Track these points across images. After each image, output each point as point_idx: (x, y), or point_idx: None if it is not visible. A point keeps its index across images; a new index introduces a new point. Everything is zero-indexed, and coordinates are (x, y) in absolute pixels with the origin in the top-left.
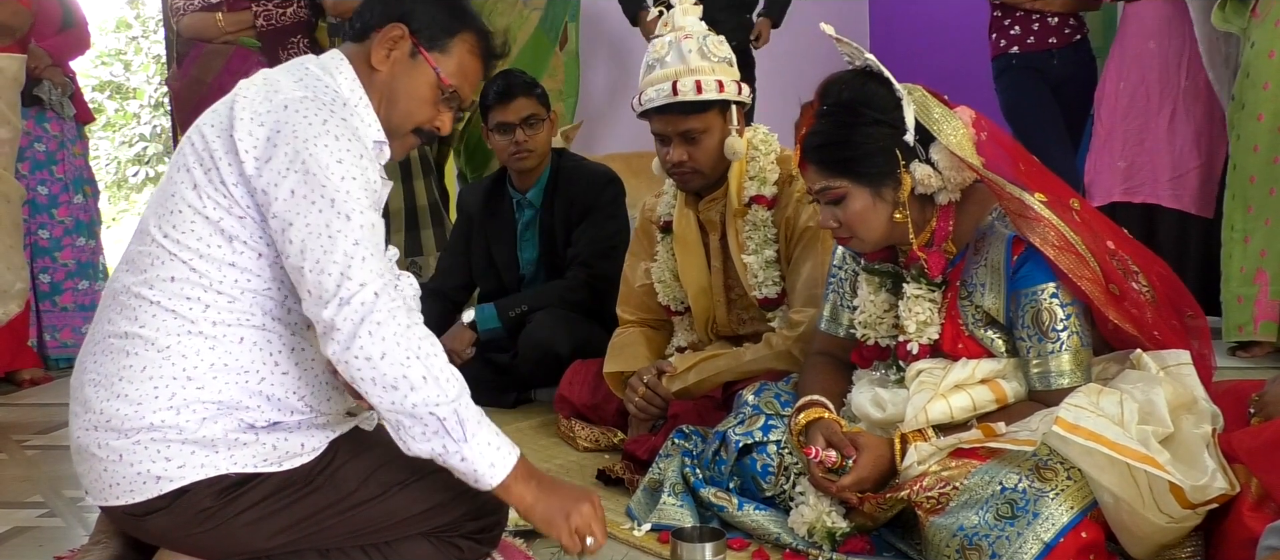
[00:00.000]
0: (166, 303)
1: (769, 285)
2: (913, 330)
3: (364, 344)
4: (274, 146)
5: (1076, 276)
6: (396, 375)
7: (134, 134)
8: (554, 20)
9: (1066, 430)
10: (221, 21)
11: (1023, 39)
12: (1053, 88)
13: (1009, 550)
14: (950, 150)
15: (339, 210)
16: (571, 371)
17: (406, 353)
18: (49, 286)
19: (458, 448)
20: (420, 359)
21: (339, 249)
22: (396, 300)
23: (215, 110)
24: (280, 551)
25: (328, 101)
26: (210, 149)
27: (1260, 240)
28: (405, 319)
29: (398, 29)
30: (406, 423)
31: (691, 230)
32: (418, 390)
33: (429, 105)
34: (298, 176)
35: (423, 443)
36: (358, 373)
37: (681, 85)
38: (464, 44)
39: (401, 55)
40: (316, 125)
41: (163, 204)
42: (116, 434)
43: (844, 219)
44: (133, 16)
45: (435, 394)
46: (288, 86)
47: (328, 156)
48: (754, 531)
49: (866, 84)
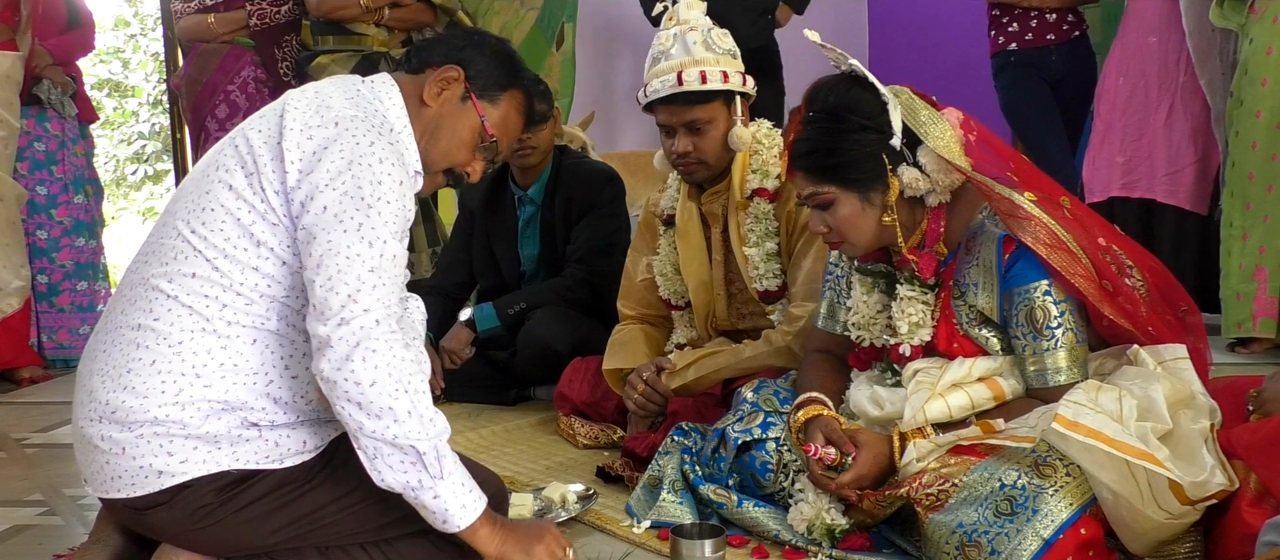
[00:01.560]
0: (184, 298)
1: (769, 278)
2: (905, 332)
3: (356, 368)
4: (318, 161)
5: (1069, 274)
6: (383, 404)
7: (133, 132)
8: (551, 20)
9: (1065, 427)
10: (213, 23)
11: (1021, 36)
12: (1052, 85)
13: (1008, 547)
14: (938, 153)
15: (363, 235)
16: (571, 369)
17: (397, 384)
18: (46, 287)
19: (432, 484)
20: (408, 393)
21: (353, 272)
22: (395, 332)
23: (263, 116)
24: (280, 548)
25: (377, 124)
26: (255, 155)
27: (1259, 237)
28: (401, 351)
29: (454, 71)
30: (385, 451)
31: (694, 223)
32: (402, 423)
33: (468, 149)
34: (334, 194)
35: (398, 474)
36: (345, 395)
37: (686, 76)
38: (512, 101)
39: (452, 96)
40: (364, 146)
41: (195, 200)
42: (120, 426)
43: (833, 224)
44: (131, 14)
45: (418, 429)
46: (340, 104)
47: (368, 179)
48: (753, 528)
49: (852, 89)
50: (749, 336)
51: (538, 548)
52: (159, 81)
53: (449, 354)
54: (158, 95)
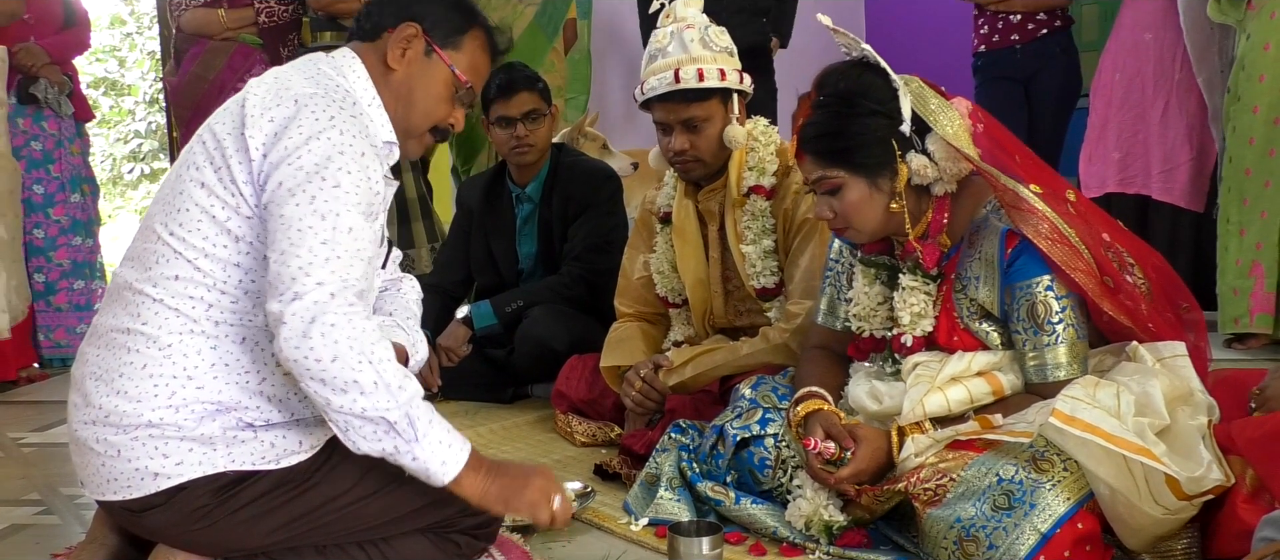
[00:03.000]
0: (169, 301)
1: (766, 275)
2: (907, 322)
3: (315, 344)
4: (277, 140)
5: (1070, 269)
6: (347, 379)
7: (129, 130)
8: (552, 17)
9: (1063, 422)
10: (224, 17)
11: (989, 37)
12: (1024, 84)
13: (1006, 541)
14: (947, 141)
15: (317, 208)
16: (568, 366)
17: (358, 356)
18: (43, 286)
19: (409, 448)
20: (372, 364)
21: (305, 245)
22: (354, 305)
23: (227, 109)
24: (277, 548)
25: (338, 99)
26: (222, 148)
27: (1256, 233)
28: (361, 323)
29: (411, 28)
30: (356, 424)
31: (690, 221)
32: (367, 395)
33: (446, 103)
34: (290, 169)
35: (373, 444)
36: (307, 372)
37: (683, 73)
38: (475, 41)
39: (416, 54)
40: (323, 121)
41: (169, 202)
42: (115, 430)
43: (840, 209)
44: (127, 13)
45: (386, 400)
46: (299, 83)
47: (324, 153)
48: (751, 525)
49: (863, 75)
50: (746, 334)
51: (524, 494)
52: (155, 80)
53: (446, 351)
54: (154, 94)
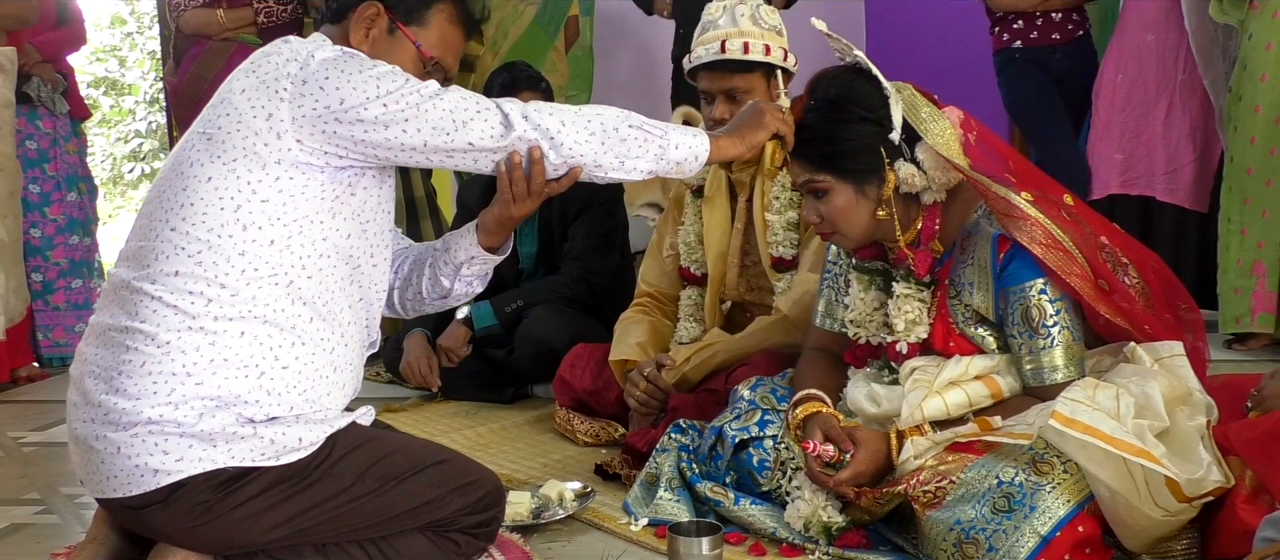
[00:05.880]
0: (168, 298)
1: (785, 246)
2: (901, 329)
3: (557, 135)
4: (304, 87)
5: (1065, 273)
6: (588, 128)
7: (129, 130)
8: (553, 15)
9: (1063, 424)
10: (222, 18)
11: (1026, 34)
12: (1056, 82)
13: (1006, 544)
14: (936, 150)
15: (376, 72)
16: (573, 355)
17: (569, 115)
18: (41, 286)
19: (662, 138)
20: (581, 112)
21: (463, 122)
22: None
23: (213, 106)
24: (277, 546)
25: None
26: (242, 124)
27: (1257, 232)
28: (546, 106)
29: (373, 7)
30: (618, 148)
31: (721, 191)
32: (603, 115)
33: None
34: (333, 80)
35: (643, 161)
36: (575, 145)
37: (730, 45)
38: (441, 14)
39: (380, 33)
40: (343, 60)
41: (171, 198)
42: (114, 428)
43: (826, 214)
44: (127, 12)
45: (614, 116)
46: (285, 53)
47: (357, 63)
48: (750, 526)
49: (855, 81)
50: (752, 310)
51: (763, 120)
52: (155, 80)
53: (446, 352)
54: (154, 93)
